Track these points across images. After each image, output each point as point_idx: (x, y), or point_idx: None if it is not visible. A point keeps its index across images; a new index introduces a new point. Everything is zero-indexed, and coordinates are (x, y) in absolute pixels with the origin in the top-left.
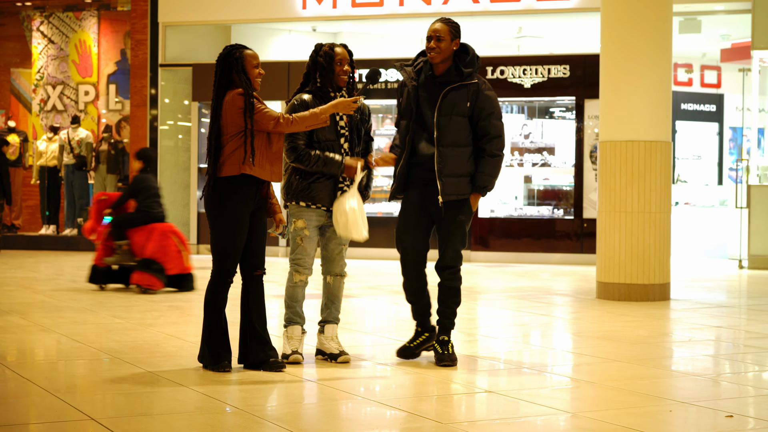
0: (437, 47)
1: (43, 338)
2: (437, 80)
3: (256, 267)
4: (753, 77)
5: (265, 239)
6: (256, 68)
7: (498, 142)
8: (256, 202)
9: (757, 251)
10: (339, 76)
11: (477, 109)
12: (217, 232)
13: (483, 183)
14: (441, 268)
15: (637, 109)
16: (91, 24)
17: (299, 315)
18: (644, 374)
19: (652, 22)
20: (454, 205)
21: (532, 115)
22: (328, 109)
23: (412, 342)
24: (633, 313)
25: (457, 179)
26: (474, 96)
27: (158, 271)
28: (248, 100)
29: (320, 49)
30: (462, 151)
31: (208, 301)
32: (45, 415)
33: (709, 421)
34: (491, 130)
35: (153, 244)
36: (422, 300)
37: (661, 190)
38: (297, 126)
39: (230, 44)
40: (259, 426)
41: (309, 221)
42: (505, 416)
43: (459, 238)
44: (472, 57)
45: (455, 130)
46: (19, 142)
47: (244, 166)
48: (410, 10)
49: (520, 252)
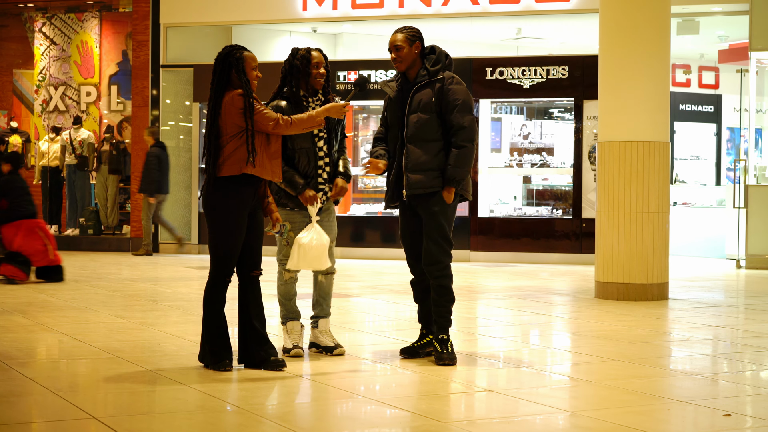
0: (398, 57)
1: (45, 337)
2: (410, 85)
3: (252, 267)
4: (750, 78)
5: (262, 240)
6: (254, 70)
7: (463, 133)
8: (254, 202)
9: (754, 251)
10: (315, 79)
11: (443, 103)
12: (216, 233)
13: (452, 175)
14: (426, 264)
15: (636, 109)
16: (92, 25)
17: (294, 311)
18: (643, 373)
19: (650, 24)
20: (423, 200)
21: (531, 116)
22: (322, 112)
23: (416, 342)
24: (631, 313)
25: (423, 173)
26: (438, 91)
27: (23, 264)
28: (248, 100)
29: (297, 53)
30: (429, 146)
31: (207, 300)
32: (47, 414)
33: (707, 420)
34: (456, 122)
35: (20, 238)
36: (428, 299)
37: (659, 191)
38: (295, 127)
39: (230, 44)
40: (259, 425)
41: (294, 223)
42: (504, 415)
43: (437, 232)
44: (438, 55)
45: (421, 125)
46: (21, 142)
47: (246, 166)
48: (410, 12)
49: (519, 252)
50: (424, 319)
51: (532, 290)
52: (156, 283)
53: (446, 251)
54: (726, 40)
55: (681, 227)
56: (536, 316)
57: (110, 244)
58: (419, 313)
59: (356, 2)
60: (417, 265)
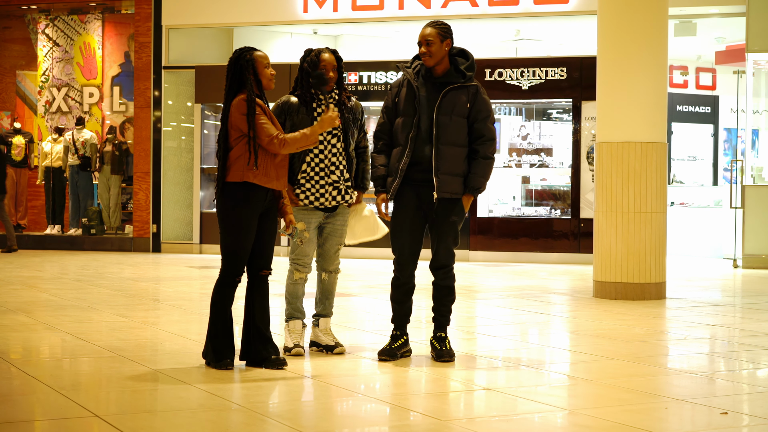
0: (428, 51)
1: (48, 336)
2: (437, 81)
3: (262, 267)
4: (747, 79)
5: (274, 240)
6: (267, 68)
7: (492, 145)
8: (267, 203)
9: (751, 251)
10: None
11: (474, 110)
12: (226, 234)
13: (476, 184)
14: (435, 268)
15: (634, 110)
16: (95, 27)
17: (300, 310)
18: (640, 372)
19: (648, 25)
20: (447, 204)
21: (530, 117)
22: (315, 129)
23: (393, 344)
24: (629, 312)
25: (453, 178)
26: (473, 98)
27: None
28: (251, 105)
29: (308, 55)
30: (459, 151)
31: (215, 299)
32: (50, 412)
33: (705, 418)
34: (486, 133)
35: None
36: (408, 301)
37: (657, 191)
38: (288, 147)
39: (240, 47)
40: (261, 423)
41: (309, 223)
42: (503, 413)
43: (452, 238)
44: (471, 61)
45: (454, 129)
46: (24, 143)
47: (247, 173)
48: (410, 13)
49: (518, 251)
50: (401, 320)
51: (531, 290)
52: (158, 282)
53: (453, 255)
54: (723, 42)
55: (678, 227)
56: (535, 315)
57: (112, 243)
58: (397, 313)
59: (356, 4)
60: (409, 266)
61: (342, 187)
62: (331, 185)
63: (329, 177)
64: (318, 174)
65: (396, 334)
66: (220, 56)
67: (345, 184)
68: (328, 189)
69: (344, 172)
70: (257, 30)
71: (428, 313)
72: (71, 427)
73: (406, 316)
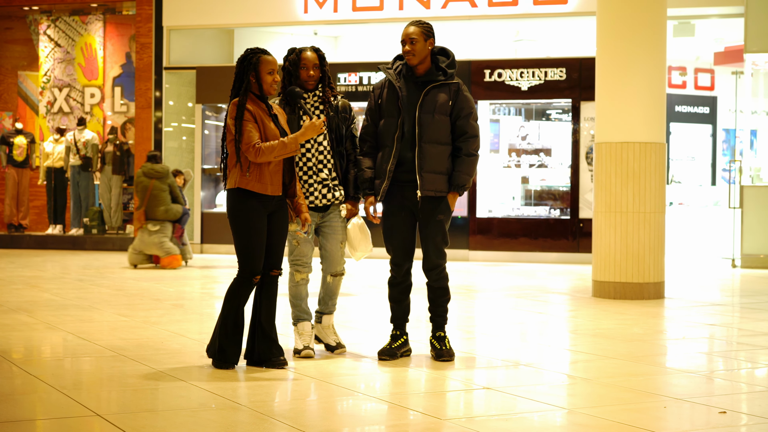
0: (412, 50)
1: (49, 336)
2: (419, 80)
3: (272, 267)
4: (745, 80)
5: (285, 240)
6: (271, 74)
7: (475, 141)
8: (274, 204)
9: (749, 251)
10: (305, 80)
11: (456, 108)
12: (236, 235)
13: (461, 182)
14: (427, 269)
15: (632, 111)
16: (96, 28)
17: (306, 311)
18: (639, 371)
19: (646, 26)
20: (432, 202)
21: (529, 117)
22: (297, 137)
23: (393, 344)
24: (628, 311)
25: (436, 176)
26: (455, 95)
27: None
28: (240, 109)
29: (291, 54)
30: (442, 149)
31: (229, 297)
32: (51, 411)
33: (703, 417)
34: (469, 130)
35: None
36: (406, 299)
37: (655, 191)
38: (264, 156)
39: (252, 47)
40: (262, 422)
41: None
42: (502, 412)
43: (441, 237)
44: (452, 59)
45: (437, 127)
46: (26, 143)
47: (241, 180)
48: (410, 14)
49: (517, 251)
50: (399, 320)
51: (530, 289)
52: (159, 282)
53: (444, 255)
54: (721, 43)
55: (677, 227)
56: (534, 314)
57: (114, 243)
58: (395, 312)
59: (356, 5)
60: (403, 266)
61: (331, 185)
62: (320, 183)
63: (317, 175)
64: (306, 173)
65: (396, 333)
66: (221, 57)
67: (334, 182)
68: (317, 187)
69: (332, 170)
70: (258, 31)
71: (427, 313)
72: (73, 426)
73: (405, 315)
